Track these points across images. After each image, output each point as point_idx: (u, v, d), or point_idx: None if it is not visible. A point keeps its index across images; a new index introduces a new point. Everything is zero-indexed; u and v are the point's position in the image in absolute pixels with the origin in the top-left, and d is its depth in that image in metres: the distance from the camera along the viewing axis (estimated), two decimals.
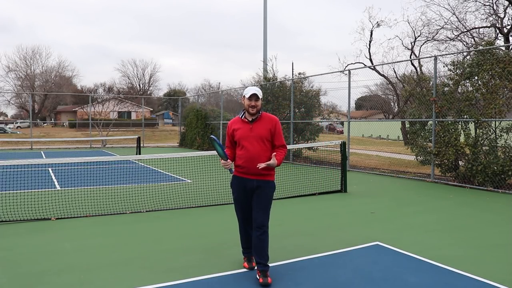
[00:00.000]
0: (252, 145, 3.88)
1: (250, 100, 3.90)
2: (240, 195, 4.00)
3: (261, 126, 3.93)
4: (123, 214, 6.59)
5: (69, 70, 56.81)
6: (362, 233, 5.48)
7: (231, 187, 4.10)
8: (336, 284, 3.75)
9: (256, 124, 3.93)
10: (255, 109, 3.90)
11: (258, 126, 3.93)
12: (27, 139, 22.98)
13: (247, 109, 3.93)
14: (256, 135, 3.89)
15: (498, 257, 4.54)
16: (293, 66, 72.71)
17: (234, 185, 4.05)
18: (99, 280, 3.83)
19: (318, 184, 9.11)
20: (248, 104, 3.90)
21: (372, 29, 22.96)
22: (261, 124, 3.94)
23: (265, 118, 3.97)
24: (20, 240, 5.15)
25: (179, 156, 7.74)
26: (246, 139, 3.90)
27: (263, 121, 3.96)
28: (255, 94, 3.89)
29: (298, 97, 15.72)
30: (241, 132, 3.94)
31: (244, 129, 3.94)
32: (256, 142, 3.88)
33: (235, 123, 4.05)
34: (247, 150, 3.87)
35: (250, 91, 3.89)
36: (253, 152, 3.85)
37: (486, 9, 18.15)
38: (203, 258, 4.47)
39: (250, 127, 3.93)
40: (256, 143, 3.89)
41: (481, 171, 9.10)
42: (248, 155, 3.86)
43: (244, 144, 3.89)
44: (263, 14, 20.38)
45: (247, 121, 3.96)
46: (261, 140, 3.89)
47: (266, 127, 3.93)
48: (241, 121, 4.01)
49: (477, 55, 9.62)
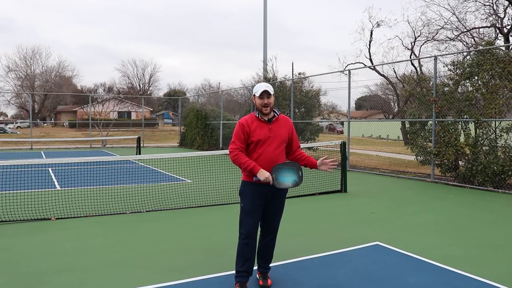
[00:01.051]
0: (272, 147, 3.56)
1: (261, 98, 3.55)
2: (255, 204, 3.55)
3: (280, 127, 3.63)
4: (123, 214, 6.59)
5: (69, 70, 56.87)
6: (362, 233, 5.48)
7: (242, 195, 3.63)
8: (336, 284, 3.75)
9: (275, 125, 3.62)
10: (268, 107, 3.56)
11: (277, 127, 3.62)
12: (27, 139, 22.97)
13: (260, 109, 3.58)
14: (276, 136, 3.59)
15: (498, 257, 4.54)
16: (293, 66, 72.79)
17: (248, 193, 3.58)
18: (99, 280, 3.83)
19: (318, 184, 9.11)
20: (260, 104, 3.56)
21: (372, 29, 22.97)
22: (280, 125, 3.65)
23: (282, 119, 3.69)
24: (20, 240, 5.15)
25: (179, 156, 7.74)
26: (266, 140, 3.55)
27: (281, 122, 3.67)
28: (266, 91, 3.54)
29: (298, 97, 15.73)
30: (261, 132, 3.55)
31: (264, 130, 3.57)
32: (276, 144, 3.58)
33: (251, 121, 3.60)
34: (268, 152, 3.52)
35: (261, 88, 3.55)
36: (274, 155, 3.54)
37: (486, 9, 18.18)
38: (203, 258, 4.47)
39: (269, 127, 3.59)
40: (277, 145, 3.58)
41: (481, 171, 9.10)
42: (269, 158, 3.52)
43: (264, 146, 3.53)
44: (263, 14, 20.37)
45: (264, 120, 3.60)
46: (280, 141, 3.61)
47: (285, 129, 3.67)
48: (257, 120, 3.61)
49: (477, 55, 9.62)
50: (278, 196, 3.64)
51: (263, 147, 3.54)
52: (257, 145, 3.54)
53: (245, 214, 3.58)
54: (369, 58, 23.30)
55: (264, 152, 3.54)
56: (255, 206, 3.55)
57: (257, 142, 3.54)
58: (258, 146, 3.53)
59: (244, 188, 3.62)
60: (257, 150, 3.55)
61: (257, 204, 3.56)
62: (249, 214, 3.56)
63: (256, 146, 3.55)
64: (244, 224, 3.57)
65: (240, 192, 3.66)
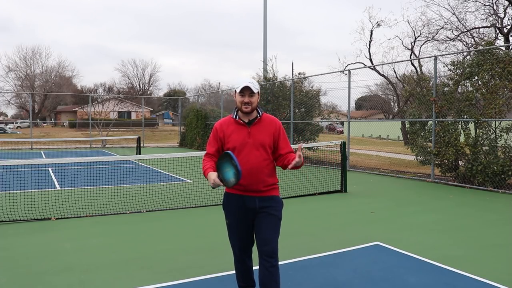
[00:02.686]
0: (252, 154, 3.01)
1: (242, 95, 3.00)
2: (238, 218, 3.09)
3: (261, 130, 3.07)
4: (123, 214, 6.59)
5: (69, 70, 56.85)
6: (362, 233, 5.48)
7: (224, 209, 3.18)
8: (336, 284, 3.75)
9: (256, 128, 3.06)
10: (249, 107, 3.00)
11: (258, 130, 3.06)
12: (27, 139, 22.99)
13: (239, 107, 3.04)
14: (256, 141, 3.03)
15: (498, 257, 4.54)
16: (293, 66, 72.82)
17: (229, 206, 3.13)
18: (99, 280, 3.83)
19: (318, 184, 9.11)
20: (240, 102, 3.01)
21: (372, 29, 22.99)
22: (262, 127, 3.08)
23: (265, 120, 3.12)
24: (20, 240, 5.15)
25: (179, 156, 7.74)
26: (244, 146, 3.01)
27: (263, 124, 3.09)
28: (248, 88, 2.98)
29: (298, 97, 15.72)
30: (237, 138, 3.03)
31: (240, 134, 3.04)
32: (256, 150, 3.02)
33: (226, 124, 3.10)
34: (246, 161, 2.98)
35: (242, 83, 2.99)
36: (254, 163, 2.99)
37: (486, 9, 18.18)
38: (203, 258, 4.47)
39: (247, 131, 3.04)
40: (257, 152, 3.02)
41: (481, 171, 9.10)
42: (247, 167, 2.97)
43: (242, 154, 3.00)
44: (263, 14, 20.38)
45: (243, 123, 3.07)
46: (262, 148, 3.04)
47: (268, 131, 3.08)
48: (234, 123, 3.09)
49: (477, 55, 9.63)
50: (267, 207, 3.05)
51: (241, 156, 2.98)
52: (233, 152, 2.96)
53: (231, 232, 3.17)
54: (369, 58, 23.33)
55: (243, 161, 2.96)
56: (240, 222, 3.08)
57: (233, 149, 3.00)
58: (235, 153, 2.95)
59: (226, 200, 3.16)
60: None
61: (242, 219, 3.07)
62: (235, 232, 3.14)
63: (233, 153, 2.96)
64: (232, 243, 3.19)
65: (223, 205, 3.19)
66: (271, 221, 3.05)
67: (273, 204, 3.08)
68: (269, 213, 3.05)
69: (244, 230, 3.10)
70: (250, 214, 3.06)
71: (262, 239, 3.01)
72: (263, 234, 3.02)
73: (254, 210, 3.04)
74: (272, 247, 3.02)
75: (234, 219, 3.12)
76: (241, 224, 3.09)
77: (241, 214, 3.07)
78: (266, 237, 3.01)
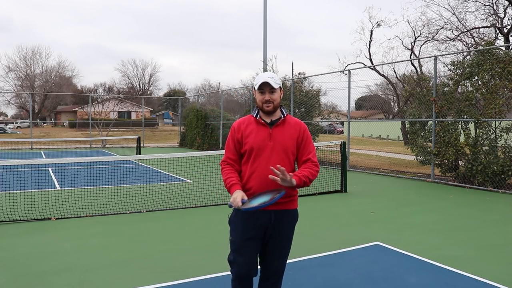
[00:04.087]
0: (272, 159, 2.61)
1: (262, 92, 2.64)
2: (247, 237, 2.63)
3: (285, 133, 2.69)
4: (123, 214, 6.59)
5: (69, 70, 56.86)
6: (362, 233, 5.48)
7: (231, 224, 2.73)
8: (336, 284, 3.75)
9: (278, 130, 2.68)
10: (271, 105, 2.64)
11: (281, 133, 2.68)
12: (27, 139, 22.99)
13: (260, 106, 2.68)
14: (277, 145, 2.64)
15: (498, 257, 4.54)
16: (293, 66, 72.73)
17: (239, 222, 2.66)
18: (99, 280, 3.83)
19: (318, 184, 9.11)
20: (260, 100, 2.66)
21: (372, 29, 22.96)
22: (285, 130, 2.70)
23: (290, 122, 2.73)
24: (20, 240, 5.15)
25: (179, 156, 7.74)
26: (264, 149, 2.62)
27: (287, 126, 2.71)
28: (267, 83, 2.61)
29: (298, 97, 15.73)
30: (256, 139, 2.64)
31: (260, 135, 2.65)
32: (277, 155, 2.63)
33: (246, 124, 2.72)
34: (265, 166, 2.59)
35: (261, 79, 2.63)
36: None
37: (486, 9, 18.18)
38: (203, 258, 4.47)
39: (269, 132, 2.66)
40: (278, 157, 2.63)
41: (481, 171, 9.10)
42: (265, 173, 2.57)
43: (261, 157, 2.62)
44: (263, 14, 20.33)
45: (264, 123, 2.69)
46: (284, 153, 2.65)
47: (292, 134, 2.69)
48: (255, 122, 2.71)
49: (477, 55, 9.63)
50: (283, 227, 2.67)
51: (259, 160, 2.62)
52: (251, 155, 2.64)
53: (235, 251, 2.67)
54: (369, 58, 23.32)
55: (260, 166, 2.61)
56: (248, 240, 2.64)
57: (250, 151, 2.64)
58: (252, 157, 2.63)
59: (234, 215, 2.71)
60: (251, 163, 2.65)
61: (251, 237, 2.63)
62: (240, 251, 2.65)
63: (250, 157, 2.64)
64: (233, 263, 2.68)
65: (230, 220, 2.75)
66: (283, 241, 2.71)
67: (289, 219, 2.70)
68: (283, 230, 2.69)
69: (252, 249, 2.66)
70: (260, 231, 2.64)
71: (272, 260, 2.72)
72: (273, 254, 2.71)
73: (265, 227, 2.64)
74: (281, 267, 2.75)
75: (241, 237, 2.65)
76: (250, 243, 2.64)
77: (251, 231, 2.63)
78: (277, 257, 2.72)
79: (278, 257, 2.72)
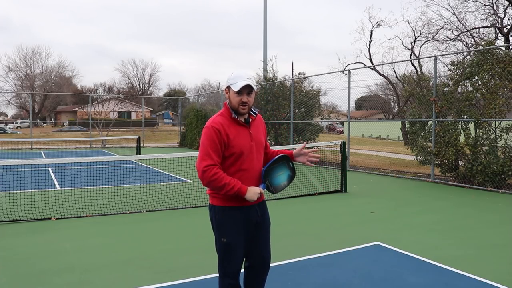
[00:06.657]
0: (256, 158, 2.68)
1: (240, 94, 2.56)
2: (241, 235, 2.65)
3: (259, 130, 2.77)
4: (123, 214, 6.59)
5: (69, 70, 56.99)
6: (362, 233, 5.48)
7: (221, 227, 2.68)
8: (336, 284, 3.75)
9: (254, 128, 2.72)
10: (247, 107, 2.60)
11: (256, 130, 2.74)
12: (27, 139, 22.99)
13: (235, 107, 2.59)
14: (258, 143, 2.70)
15: (498, 257, 4.54)
16: (293, 66, 72.68)
17: (232, 223, 2.64)
18: (99, 280, 3.83)
19: (318, 184, 9.11)
20: (237, 102, 2.57)
21: (372, 29, 22.99)
22: (258, 127, 2.78)
23: (257, 119, 2.79)
24: (20, 240, 5.15)
25: (179, 156, 7.73)
26: (251, 151, 2.63)
27: (257, 123, 2.78)
28: (249, 86, 2.57)
29: (298, 97, 15.73)
30: (243, 141, 2.61)
31: (245, 137, 2.63)
32: (258, 152, 2.70)
33: (227, 125, 2.59)
34: (253, 166, 2.65)
35: (240, 80, 2.55)
36: (258, 168, 2.69)
37: (486, 9, 18.19)
38: (203, 258, 4.47)
39: (249, 132, 2.66)
40: (259, 155, 2.71)
41: (481, 171, 9.10)
42: (253, 174, 2.65)
43: (248, 159, 2.63)
44: (263, 13, 20.36)
45: (243, 123, 2.65)
46: (262, 149, 2.77)
47: (263, 130, 2.83)
48: (234, 123, 2.62)
49: (477, 55, 9.63)
50: (266, 216, 2.82)
51: (248, 162, 2.62)
52: (238, 159, 2.59)
53: (229, 252, 2.63)
54: (369, 58, 23.33)
55: (250, 168, 2.62)
56: (242, 239, 2.65)
57: (239, 155, 2.58)
58: (240, 160, 2.59)
59: (222, 217, 2.66)
60: (239, 166, 2.60)
61: (244, 234, 2.66)
62: (235, 251, 2.63)
63: (237, 160, 2.59)
64: (227, 264, 2.65)
65: (218, 223, 2.69)
66: (268, 228, 2.83)
67: (267, 211, 2.85)
68: (267, 222, 2.81)
69: (243, 248, 2.68)
70: (250, 227, 2.69)
71: (262, 250, 2.77)
72: (262, 244, 2.77)
73: (253, 222, 2.70)
74: (268, 256, 2.83)
75: (236, 237, 2.63)
76: (243, 241, 2.66)
77: (244, 228, 2.66)
78: (265, 247, 2.80)
79: (268, 244, 2.84)
